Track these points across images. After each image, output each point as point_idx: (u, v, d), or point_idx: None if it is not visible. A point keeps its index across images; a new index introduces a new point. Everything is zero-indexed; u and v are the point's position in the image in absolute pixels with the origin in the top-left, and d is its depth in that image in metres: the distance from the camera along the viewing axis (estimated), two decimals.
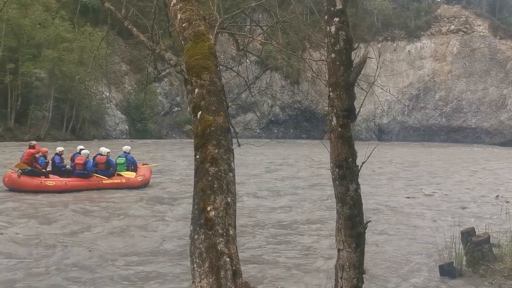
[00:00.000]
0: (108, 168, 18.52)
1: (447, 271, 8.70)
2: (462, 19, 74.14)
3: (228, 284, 3.67)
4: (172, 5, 5.32)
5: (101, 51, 18.74)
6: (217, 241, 3.84)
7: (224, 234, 3.91)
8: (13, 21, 45.80)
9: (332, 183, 3.75)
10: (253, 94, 8.69)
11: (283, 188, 20.28)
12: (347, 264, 3.66)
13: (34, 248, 10.05)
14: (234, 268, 3.78)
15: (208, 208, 4.00)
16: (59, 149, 18.81)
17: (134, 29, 5.60)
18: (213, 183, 4.13)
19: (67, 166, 18.29)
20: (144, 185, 19.04)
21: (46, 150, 18.39)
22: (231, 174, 4.31)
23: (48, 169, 17.91)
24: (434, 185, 22.47)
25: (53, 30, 48.32)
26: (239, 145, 5.65)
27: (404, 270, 9.41)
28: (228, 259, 3.77)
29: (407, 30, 75.01)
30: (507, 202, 17.06)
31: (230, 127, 4.70)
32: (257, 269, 9.20)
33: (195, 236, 3.94)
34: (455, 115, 72.59)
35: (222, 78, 4.98)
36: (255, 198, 17.63)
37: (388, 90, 55.89)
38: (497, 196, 18.97)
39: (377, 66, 5.11)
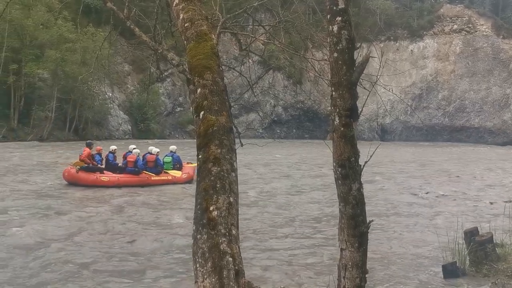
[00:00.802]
0: (156, 166, 20.16)
1: (450, 270, 8.69)
2: (465, 19, 73.95)
3: (231, 283, 3.67)
4: (174, 5, 5.32)
5: (103, 52, 18.69)
6: (220, 240, 3.84)
7: (227, 234, 3.91)
8: (16, 21, 45.84)
9: (334, 183, 3.75)
10: (255, 94, 8.68)
11: (285, 188, 20.28)
12: (350, 263, 3.65)
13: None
14: (236, 267, 3.78)
15: (211, 208, 4.00)
16: (113, 147, 20.68)
17: (137, 29, 5.60)
18: (216, 183, 4.13)
19: (120, 164, 20.03)
20: (188, 182, 20.30)
21: (101, 148, 20.64)
22: (233, 174, 4.31)
23: (102, 166, 19.85)
24: (437, 184, 22.44)
25: (56, 30, 48.36)
26: (241, 145, 5.64)
27: (407, 270, 9.41)
28: (230, 259, 3.77)
29: (410, 30, 74.83)
30: (510, 201, 17.02)
31: (233, 127, 4.69)
32: (260, 269, 9.20)
33: (198, 236, 3.94)
34: (458, 114, 72.42)
35: (225, 78, 4.98)
36: (257, 198, 17.62)
37: (390, 90, 55.74)
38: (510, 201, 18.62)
39: (380, 66, 5.11)
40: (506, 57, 70.77)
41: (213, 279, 3.68)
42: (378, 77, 4.81)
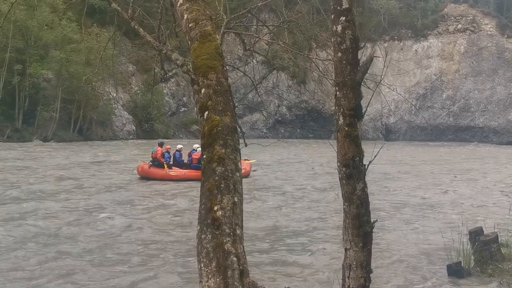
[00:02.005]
0: None
1: (455, 270, 8.68)
2: (469, 18, 73.75)
3: (235, 283, 3.67)
4: (178, 5, 5.33)
5: (108, 52, 18.82)
6: (224, 240, 3.84)
7: (231, 233, 3.91)
8: (20, 22, 46.00)
9: (339, 182, 3.75)
10: (259, 94, 8.69)
11: (288, 188, 20.28)
12: (355, 263, 3.65)
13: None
14: (241, 267, 3.78)
15: (215, 208, 4.00)
16: (179, 146, 23.44)
17: (141, 29, 5.60)
18: (220, 182, 4.13)
19: (185, 161, 22.46)
20: (245, 177, 21.43)
21: (169, 147, 22.79)
22: (238, 174, 4.31)
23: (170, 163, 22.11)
24: (442, 184, 22.40)
25: (60, 31, 48.50)
26: (245, 145, 5.65)
27: (411, 270, 9.40)
28: (235, 259, 3.77)
29: (414, 29, 74.68)
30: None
31: (237, 127, 4.70)
32: (264, 269, 9.20)
33: (202, 236, 3.94)
34: (462, 114, 72.24)
35: (229, 78, 4.98)
36: (261, 197, 17.64)
37: (395, 90, 55.79)
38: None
39: (384, 66, 5.11)
40: (511, 56, 70.57)
41: (218, 279, 3.68)
42: (382, 76, 4.81)
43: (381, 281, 8.48)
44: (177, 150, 22.88)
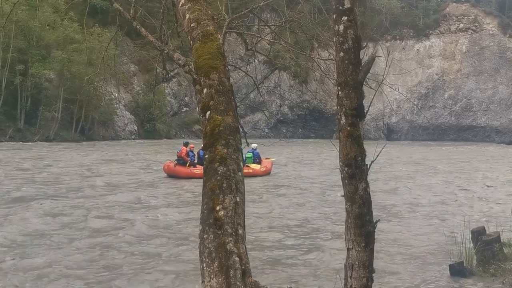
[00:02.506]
0: None
1: (457, 270, 8.66)
2: (471, 17, 73.66)
3: (238, 283, 3.67)
4: (180, 5, 5.32)
5: (109, 52, 18.81)
6: (226, 240, 3.84)
7: (233, 233, 3.91)
8: (22, 22, 46.08)
9: (341, 182, 3.74)
10: (261, 93, 8.67)
11: (291, 187, 20.28)
12: (357, 263, 3.64)
13: None
14: (243, 267, 3.78)
15: (217, 208, 4.00)
16: None
17: (143, 29, 5.61)
18: (222, 182, 4.13)
19: None
20: (266, 174, 23.95)
21: (193, 146, 23.82)
22: (240, 174, 4.31)
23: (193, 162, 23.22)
24: (444, 184, 22.39)
25: (62, 31, 48.57)
26: (247, 145, 5.65)
27: (414, 270, 9.39)
28: (237, 259, 3.77)
29: (416, 29, 74.60)
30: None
31: (239, 126, 4.69)
32: (267, 268, 9.20)
33: (204, 236, 3.95)
34: (464, 114, 72.17)
35: (231, 78, 4.98)
36: (263, 197, 17.64)
37: (397, 89, 55.73)
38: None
39: (386, 65, 5.10)
40: None
41: (220, 279, 3.68)
42: (384, 76, 4.81)
43: (383, 281, 8.47)
44: (201, 149, 23.08)
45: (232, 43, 60.03)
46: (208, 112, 4.53)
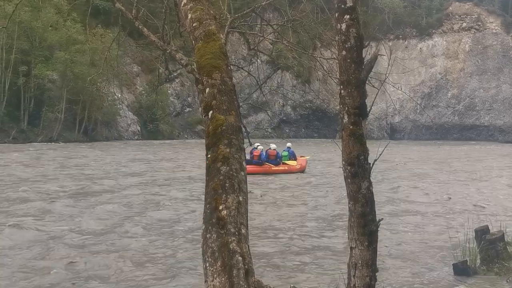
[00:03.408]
0: (276, 159, 25.21)
1: (461, 269, 8.64)
2: (474, 17, 73.58)
3: (241, 283, 3.66)
4: (182, 5, 5.32)
5: (112, 52, 18.86)
6: (229, 240, 3.83)
7: (236, 233, 3.91)
8: (25, 23, 46.17)
9: (344, 181, 3.74)
10: (264, 93, 8.65)
11: (294, 187, 20.28)
12: (360, 262, 3.64)
13: None
14: (246, 267, 3.77)
15: (220, 207, 3.99)
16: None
17: (145, 29, 5.61)
18: (225, 182, 4.12)
19: (247, 157, 24.91)
20: (301, 171, 25.57)
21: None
22: (242, 173, 4.30)
23: None
24: (447, 183, 22.35)
25: (65, 32, 48.68)
26: (250, 145, 5.65)
27: (417, 269, 9.37)
28: (240, 258, 3.76)
29: (419, 28, 74.55)
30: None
31: (242, 126, 4.69)
32: (270, 268, 9.20)
33: (207, 235, 3.94)
34: (468, 113, 72.09)
35: (234, 78, 4.98)
36: (266, 197, 17.64)
37: (400, 88, 55.60)
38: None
39: (389, 64, 5.10)
40: None
41: (223, 278, 3.68)
42: (387, 75, 4.81)
43: (386, 279, 8.45)
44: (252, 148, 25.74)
45: (234, 43, 60.08)
46: (211, 112, 4.52)
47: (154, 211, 14.17)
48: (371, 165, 3.69)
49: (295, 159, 26.18)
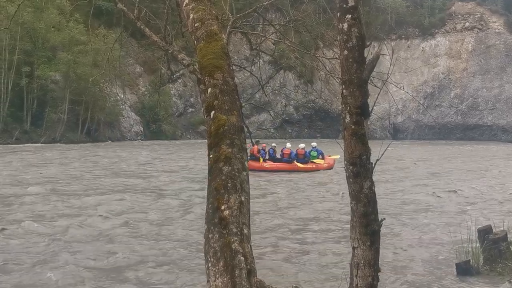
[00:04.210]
0: (304, 157, 26.77)
1: (464, 269, 8.63)
2: (477, 16, 73.38)
3: (243, 283, 3.67)
4: (184, 5, 5.33)
5: (114, 53, 18.95)
6: (232, 240, 3.84)
7: (238, 233, 3.91)
8: (28, 24, 46.17)
9: (346, 181, 3.73)
10: (266, 93, 8.65)
11: (297, 187, 20.27)
12: (362, 262, 3.64)
13: None
14: (248, 267, 3.78)
15: (222, 207, 4.00)
16: (273, 145, 28.23)
17: (147, 29, 5.61)
18: (227, 182, 4.12)
19: (277, 156, 27.11)
20: (329, 169, 27.00)
21: (265, 145, 27.49)
22: (244, 173, 4.30)
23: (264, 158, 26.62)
24: (450, 182, 22.31)
25: (67, 33, 48.66)
26: (253, 145, 5.65)
27: (420, 268, 9.36)
28: (242, 258, 3.77)
29: (421, 28, 74.35)
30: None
31: (244, 126, 4.69)
32: (272, 268, 9.19)
33: (210, 235, 3.94)
34: (471, 112, 71.89)
35: (236, 78, 4.98)
36: (268, 197, 17.63)
37: (402, 88, 55.55)
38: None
39: (391, 64, 5.09)
40: None
41: (225, 278, 3.68)
42: (389, 74, 4.79)
43: (389, 279, 8.45)
44: (271, 148, 27.62)
45: (237, 43, 60.01)
46: (213, 112, 4.53)
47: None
48: (373, 165, 3.68)
49: (323, 158, 27.72)
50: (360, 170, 3.61)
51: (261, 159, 26.17)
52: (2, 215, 13.38)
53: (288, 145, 27.41)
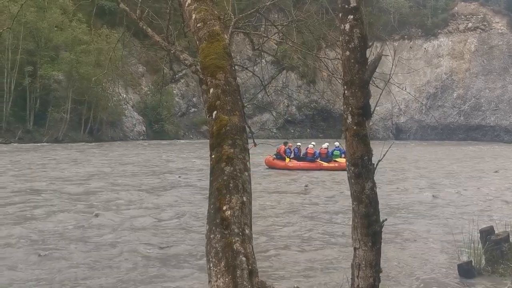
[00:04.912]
0: (327, 156, 28.05)
1: (466, 270, 8.62)
2: (480, 17, 73.34)
3: (245, 283, 3.66)
4: (186, 5, 5.32)
5: (117, 53, 18.96)
6: (233, 240, 3.83)
7: (240, 233, 3.91)
8: (31, 24, 46.32)
9: (348, 182, 3.73)
10: (269, 94, 8.68)
11: (298, 187, 20.27)
12: (364, 262, 3.63)
13: None
14: (250, 267, 3.78)
15: (224, 208, 3.99)
16: (298, 144, 29.67)
17: (149, 29, 5.61)
18: (229, 182, 4.12)
19: (301, 155, 28.48)
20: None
21: (291, 145, 28.91)
22: (246, 174, 4.30)
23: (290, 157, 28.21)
24: (452, 183, 22.29)
25: (70, 32, 48.81)
26: (255, 145, 5.64)
27: (422, 269, 9.35)
28: (244, 258, 3.76)
29: (424, 28, 74.36)
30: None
31: (246, 126, 4.68)
32: (274, 268, 9.20)
33: (211, 236, 3.94)
34: (473, 113, 71.86)
35: (238, 78, 4.97)
36: (270, 197, 17.64)
37: (404, 89, 55.52)
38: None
39: (393, 64, 5.09)
40: None
41: (227, 279, 3.68)
42: (391, 75, 4.79)
43: (390, 280, 8.44)
44: (296, 147, 29.01)
45: (239, 44, 60.06)
46: (215, 112, 4.53)
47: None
48: (375, 166, 3.68)
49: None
50: (361, 171, 3.60)
51: (287, 159, 27.63)
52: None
53: (312, 144, 29.05)
